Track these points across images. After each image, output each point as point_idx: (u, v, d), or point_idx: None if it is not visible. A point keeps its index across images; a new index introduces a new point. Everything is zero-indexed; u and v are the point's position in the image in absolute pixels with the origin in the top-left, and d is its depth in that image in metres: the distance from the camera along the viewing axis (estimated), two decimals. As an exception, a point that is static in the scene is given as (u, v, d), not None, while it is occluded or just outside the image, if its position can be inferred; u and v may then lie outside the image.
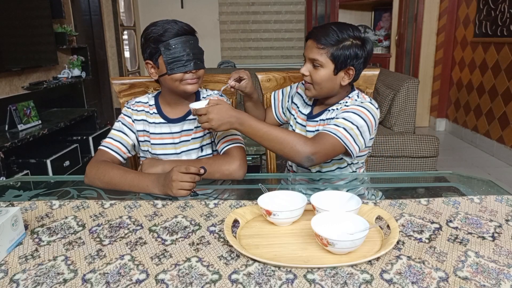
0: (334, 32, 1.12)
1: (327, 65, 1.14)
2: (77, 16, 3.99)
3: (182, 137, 1.28)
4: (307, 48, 1.18)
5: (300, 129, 1.32)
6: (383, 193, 1.12)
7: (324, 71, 1.15)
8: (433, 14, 4.37)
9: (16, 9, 2.89)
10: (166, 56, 1.15)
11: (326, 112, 1.25)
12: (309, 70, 1.17)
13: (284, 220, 0.87)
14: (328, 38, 1.12)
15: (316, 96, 1.22)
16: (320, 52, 1.13)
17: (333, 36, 1.12)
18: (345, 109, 1.17)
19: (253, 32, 5.55)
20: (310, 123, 1.28)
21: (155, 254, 0.77)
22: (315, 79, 1.16)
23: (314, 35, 1.15)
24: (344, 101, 1.23)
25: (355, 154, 1.12)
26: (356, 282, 0.67)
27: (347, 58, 1.12)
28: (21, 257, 0.78)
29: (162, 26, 1.15)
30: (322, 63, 1.14)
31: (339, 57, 1.12)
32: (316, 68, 1.15)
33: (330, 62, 1.13)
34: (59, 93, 3.60)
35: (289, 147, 1.07)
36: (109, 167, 1.14)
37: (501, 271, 0.70)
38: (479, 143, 3.84)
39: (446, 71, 4.47)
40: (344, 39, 1.12)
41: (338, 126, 1.11)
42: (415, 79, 2.81)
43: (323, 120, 1.24)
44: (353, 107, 1.16)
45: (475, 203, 0.97)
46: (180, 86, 1.18)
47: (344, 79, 1.17)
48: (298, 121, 1.33)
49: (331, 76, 1.15)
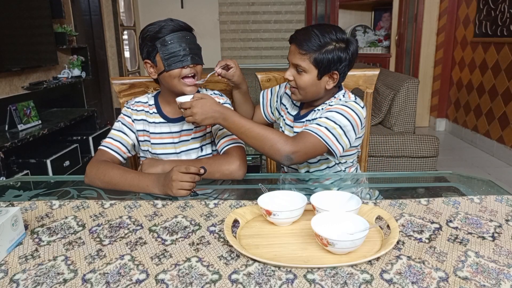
0: (316, 36, 1.10)
1: (310, 71, 1.13)
2: (77, 16, 3.99)
3: (182, 136, 1.28)
4: (290, 53, 1.16)
5: (289, 130, 1.32)
6: (383, 193, 1.12)
7: (308, 77, 1.14)
8: (433, 14, 4.37)
9: (16, 9, 2.90)
10: (162, 52, 1.15)
11: (312, 112, 1.25)
12: (293, 74, 1.16)
13: (284, 220, 0.87)
14: (310, 44, 1.10)
15: (302, 100, 1.23)
16: (302, 58, 1.12)
17: (315, 41, 1.10)
18: (329, 108, 1.16)
19: (253, 32, 5.55)
20: (297, 124, 1.28)
21: (155, 254, 0.77)
22: (299, 84, 1.16)
23: (296, 40, 1.13)
24: (330, 100, 1.22)
25: (338, 153, 1.11)
26: (356, 282, 0.67)
27: (330, 62, 1.11)
28: (21, 257, 0.78)
29: (158, 24, 1.16)
30: (305, 69, 1.13)
31: (322, 62, 1.11)
32: (300, 73, 1.15)
33: (313, 67, 1.12)
34: (59, 93, 3.60)
35: (269, 145, 1.07)
36: (109, 167, 1.14)
37: (501, 271, 0.70)
38: (479, 143, 3.84)
39: (446, 71, 4.47)
40: (327, 43, 1.10)
41: (320, 126, 1.11)
42: (415, 79, 2.81)
43: (309, 121, 1.24)
44: (337, 107, 1.15)
45: (475, 203, 0.97)
46: (179, 84, 1.18)
47: (328, 83, 1.16)
48: (287, 122, 1.33)
49: (315, 81, 1.14)
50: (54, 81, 3.42)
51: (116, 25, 4.74)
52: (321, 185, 1.18)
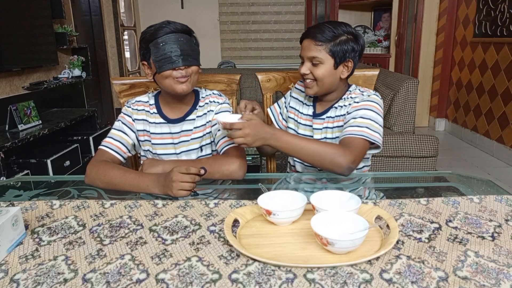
0: (329, 29, 1.17)
1: (326, 61, 1.18)
2: (77, 16, 3.99)
3: (182, 137, 1.28)
4: (304, 48, 1.21)
5: (304, 129, 1.33)
6: (383, 193, 1.12)
7: (324, 67, 1.19)
8: (433, 14, 4.37)
9: (16, 9, 2.90)
10: (154, 54, 1.16)
11: (332, 109, 1.27)
12: (309, 68, 1.20)
13: (284, 219, 0.87)
14: (324, 35, 1.16)
15: (317, 93, 1.24)
16: (318, 49, 1.18)
17: (329, 33, 1.16)
18: (357, 106, 1.20)
19: (253, 32, 5.55)
20: (316, 121, 1.30)
21: (155, 254, 0.77)
22: (317, 75, 1.20)
23: (310, 34, 1.19)
24: (348, 96, 1.26)
25: (381, 143, 1.17)
26: (356, 282, 0.67)
27: (345, 52, 1.18)
28: (21, 257, 0.78)
29: (155, 26, 1.17)
30: (321, 60, 1.18)
31: (337, 52, 1.17)
32: (316, 65, 1.19)
33: (329, 57, 1.18)
34: (60, 93, 3.60)
35: (329, 160, 1.08)
36: (109, 167, 1.14)
37: (500, 271, 0.70)
38: (479, 143, 3.85)
39: (446, 71, 4.47)
40: (340, 34, 1.17)
41: (361, 127, 1.14)
42: (415, 79, 2.81)
43: (332, 118, 1.27)
44: (364, 103, 1.19)
45: (475, 203, 0.97)
46: (171, 84, 1.18)
47: (343, 73, 1.22)
48: (301, 121, 1.34)
49: (332, 70, 1.20)
50: (54, 81, 3.42)
51: (116, 25, 4.74)
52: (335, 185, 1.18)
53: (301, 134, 1.33)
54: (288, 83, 1.52)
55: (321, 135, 1.29)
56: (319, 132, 1.29)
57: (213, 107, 1.30)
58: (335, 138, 1.26)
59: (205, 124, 1.30)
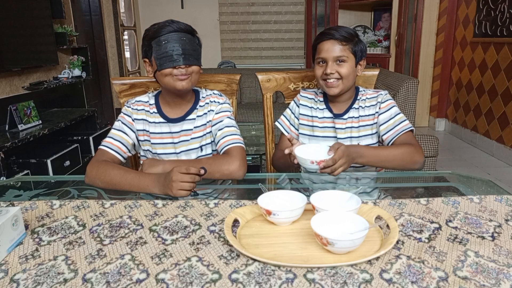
0: (346, 30, 1.27)
1: (350, 59, 1.27)
2: (77, 16, 3.99)
3: (182, 137, 1.28)
4: (327, 50, 1.27)
5: (323, 131, 1.37)
6: (383, 193, 1.12)
7: (348, 65, 1.27)
8: (433, 14, 4.37)
9: (16, 9, 2.90)
10: (155, 52, 1.16)
11: (352, 110, 1.35)
12: (335, 68, 1.27)
13: (284, 219, 0.87)
14: (347, 35, 1.26)
15: (342, 90, 1.30)
16: (344, 48, 1.26)
17: (349, 33, 1.26)
18: (385, 107, 1.32)
19: (253, 32, 5.55)
20: (339, 121, 1.35)
21: (155, 254, 0.77)
22: (343, 73, 1.26)
23: (334, 35, 1.26)
24: (363, 97, 1.35)
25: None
26: (356, 282, 0.67)
27: (361, 51, 1.29)
28: (21, 257, 0.78)
29: (159, 25, 1.17)
30: (346, 58, 1.26)
31: (357, 51, 1.28)
32: (340, 64, 1.26)
33: (352, 56, 1.27)
34: (60, 93, 3.60)
35: (408, 160, 1.19)
36: (109, 167, 1.14)
37: (500, 271, 0.70)
38: (479, 143, 3.85)
39: (446, 71, 4.47)
40: (356, 35, 1.29)
41: (402, 122, 1.28)
42: (415, 79, 2.81)
43: (355, 118, 1.34)
44: (388, 103, 1.32)
45: (475, 203, 0.97)
46: (171, 82, 1.18)
47: (359, 71, 1.32)
48: (317, 125, 1.37)
49: (353, 68, 1.29)
50: (54, 81, 3.42)
51: (116, 25, 4.74)
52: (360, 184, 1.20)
53: (319, 136, 1.38)
54: (288, 83, 1.52)
55: (344, 134, 1.35)
56: (342, 131, 1.35)
57: (213, 107, 1.30)
58: (362, 137, 1.34)
59: (206, 123, 1.30)
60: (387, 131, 1.29)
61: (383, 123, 1.31)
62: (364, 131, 1.34)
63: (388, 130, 1.29)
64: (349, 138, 1.34)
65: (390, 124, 1.30)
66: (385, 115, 1.31)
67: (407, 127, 1.27)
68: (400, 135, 1.27)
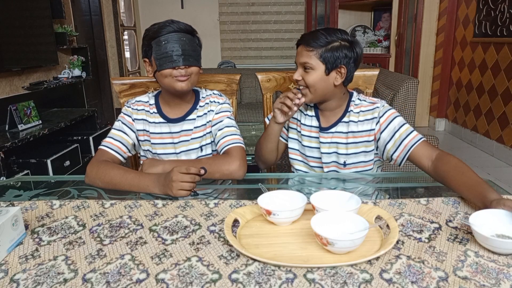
0: (322, 35, 1.15)
1: (317, 67, 1.16)
2: (77, 16, 3.99)
3: (182, 137, 1.28)
4: (297, 54, 1.21)
5: (309, 141, 1.30)
6: (383, 193, 1.12)
7: (315, 73, 1.17)
8: (433, 14, 4.37)
9: (16, 9, 2.90)
10: (155, 52, 1.16)
11: (341, 124, 1.25)
12: (301, 74, 1.19)
13: (284, 219, 0.87)
14: (317, 41, 1.15)
15: (312, 100, 1.22)
16: (309, 55, 1.16)
17: (322, 39, 1.15)
18: (384, 122, 1.20)
19: (253, 32, 5.55)
20: (324, 134, 1.26)
21: (155, 254, 0.77)
22: (308, 81, 1.18)
23: (303, 40, 1.18)
24: (356, 110, 1.24)
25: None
26: (356, 282, 0.67)
27: (336, 58, 1.15)
28: (21, 257, 0.78)
29: (159, 25, 1.17)
30: (312, 65, 1.16)
31: (328, 58, 1.15)
32: (307, 71, 1.18)
33: (320, 63, 1.16)
34: (60, 93, 3.60)
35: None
36: (109, 167, 1.14)
37: (500, 271, 0.70)
38: (479, 143, 3.85)
39: (446, 71, 4.47)
40: (333, 41, 1.15)
41: (411, 132, 1.17)
42: (415, 79, 2.81)
43: (343, 133, 1.25)
44: (389, 116, 1.20)
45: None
46: (170, 82, 1.18)
47: (336, 79, 1.19)
48: (304, 133, 1.30)
49: (323, 77, 1.17)
50: (54, 81, 3.42)
51: (116, 25, 4.74)
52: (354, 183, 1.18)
53: (306, 146, 1.30)
54: (288, 83, 1.52)
55: (329, 148, 1.26)
56: (326, 146, 1.26)
57: (213, 107, 1.30)
58: (351, 155, 1.25)
59: (206, 124, 1.30)
60: (396, 148, 1.18)
61: (389, 141, 1.19)
62: (355, 149, 1.24)
63: (397, 146, 1.18)
64: (335, 154, 1.26)
65: (397, 140, 1.18)
66: (387, 131, 1.19)
67: (417, 138, 1.15)
68: (417, 144, 1.14)
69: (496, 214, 0.82)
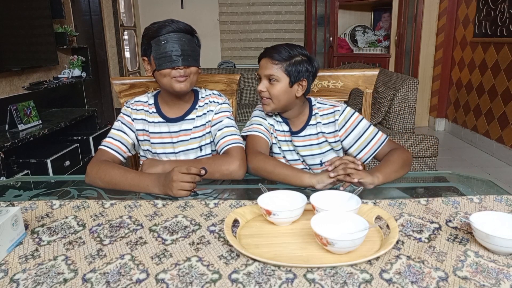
0: (285, 49, 1.22)
1: (282, 79, 1.22)
2: (77, 16, 3.99)
3: (180, 136, 1.28)
4: (261, 67, 1.26)
5: (287, 145, 1.34)
6: (382, 193, 1.12)
7: (280, 85, 1.22)
8: (433, 14, 4.37)
9: (16, 9, 2.90)
10: (155, 51, 1.16)
11: (308, 127, 1.32)
12: (266, 86, 1.24)
13: (284, 219, 0.87)
14: (281, 55, 1.21)
15: (274, 110, 1.28)
16: (275, 68, 1.22)
17: (286, 53, 1.21)
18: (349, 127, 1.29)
19: (253, 32, 5.55)
20: (296, 138, 1.32)
21: (155, 254, 0.77)
22: (273, 93, 1.23)
23: (268, 53, 1.24)
24: (321, 112, 1.32)
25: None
26: (356, 282, 0.67)
27: (299, 71, 1.22)
28: (21, 257, 0.78)
29: (159, 24, 1.17)
30: (278, 78, 1.22)
31: (292, 71, 1.22)
32: (272, 83, 1.23)
33: (285, 75, 1.22)
34: (60, 93, 3.60)
35: (408, 162, 1.20)
36: (109, 167, 1.14)
37: (500, 271, 0.70)
38: (479, 143, 3.85)
39: (446, 71, 4.47)
40: (295, 55, 1.22)
41: (375, 137, 1.27)
42: (415, 79, 2.81)
43: (314, 135, 1.32)
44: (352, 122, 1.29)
45: (475, 203, 0.97)
46: (169, 82, 1.19)
47: (298, 91, 1.25)
48: (280, 138, 1.35)
49: (287, 89, 1.23)
50: (54, 81, 3.42)
51: (116, 25, 4.74)
52: None
53: (285, 150, 1.35)
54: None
55: (305, 151, 1.33)
56: (302, 149, 1.32)
57: (212, 107, 1.30)
58: (325, 152, 1.33)
59: (205, 124, 1.30)
60: (360, 150, 1.28)
61: (353, 144, 1.29)
62: (326, 147, 1.33)
63: (361, 149, 1.28)
64: (311, 156, 1.33)
65: (361, 143, 1.28)
66: (352, 136, 1.29)
67: (382, 139, 1.26)
68: (384, 145, 1.26)
69: (496, 215, 0.82)
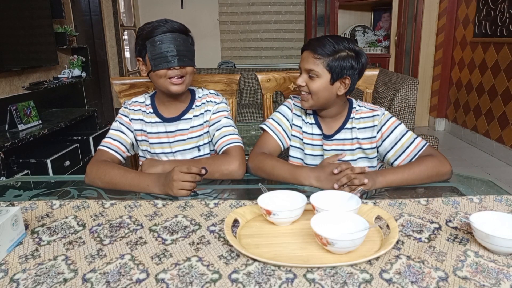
0: (330, 43, 1.14)
1: (323, 75, 1.15)
2: (77, 16, 3.99)
3: (177, 136, 1.28)
4: (303, 59, 1.19)
5: (312, 149, 1.28)
6: (383, 193, 1.12)
7: (320, 81, 1.16)
8: (433, 14, 4.37)
9: (16, 9, 2.90)
10: (150, 52, 1.16)
11: (343, 131, 1.25)
12: (305, 80, 1.18)
13: (284, 219, 0.87)
14: (324, 49, 1.13)
15: (312, 106, 1.22)
16: (316, 63, 1.15)
17: (330, 47, 1.13)
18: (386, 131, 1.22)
19: (253, 32, 5.55)
20: (327, 142, 1.26)
21: (155, 254, 0.77)
22: (312, 89, 1.17)
23: (311, 46, 1.16)
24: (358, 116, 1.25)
25: None
26: (356, 282, 0.67)
27: (343, 68, 1.14)
28: (21, 257, 0.78)
29: (153, 24, 1.17)
30: (318, 73, 1.15)
31: (335, 67, 1.14)
32: (312, 78, 1.17)
33: (326, 72, 1.15)
34: (59, 93, 3.60)
35: (435, 173, 1.12)
36: (109, 167, 1.14)
37: (500, 271, 0.70)
38: (479, 143, 3.85)
39: (446, 71, 4.47)
40: (340, 50, 1.14)
41: (416, 138, 1.20)
42: (415, 79, 2.81)
43: (348, 140, 1.25)
44: (389, 126, 1.22)
45: (475, 203, 0.97)
46: (165, 83, 1.18)
47: (340, 89, 1.18)
48: (306, 141, 1.28)
49: (328, 86, 1.16)
50: (54, 81, 3.42)
51: (116, 25, 4.74)
52: None
53: (308, 155, 1.29)
54: (288, 83, 1.52)
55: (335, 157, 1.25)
56: (329, 153, 1.25)
57: (210, 107, 1.30)
58: (358, 159, 1.25)
59: (203, 123, 1.30)
60: (397, 157, 1.20)
61: (389, 150, 1.21)
62: (359, 154, 1.25)
63: (397, 155, 1.20)
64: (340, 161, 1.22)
65: (398, 149, 1.20)
66: (388, 141, 1.21)
67: (421, 145, 1.18)
68: (423, 150, 1.18)
69: (496, 215, 0.82)
